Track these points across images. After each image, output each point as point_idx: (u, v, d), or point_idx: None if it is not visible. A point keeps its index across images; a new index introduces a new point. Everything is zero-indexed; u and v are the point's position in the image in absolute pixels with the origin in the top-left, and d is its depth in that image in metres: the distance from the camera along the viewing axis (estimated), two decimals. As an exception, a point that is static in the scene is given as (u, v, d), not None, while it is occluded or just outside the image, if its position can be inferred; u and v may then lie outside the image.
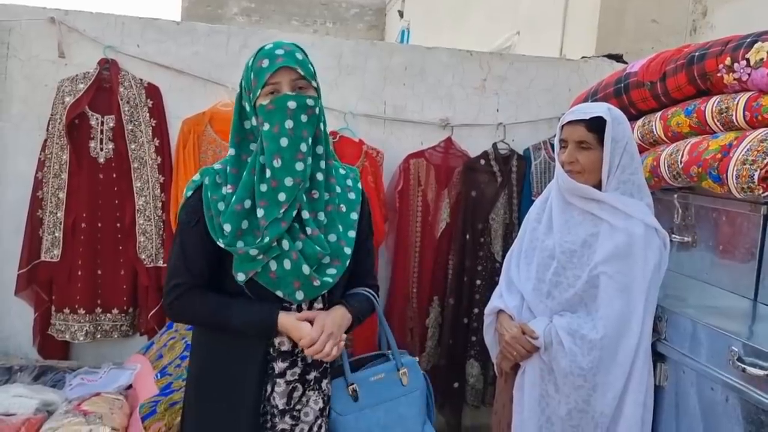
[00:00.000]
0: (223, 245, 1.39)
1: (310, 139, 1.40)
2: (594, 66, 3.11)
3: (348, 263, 1.49)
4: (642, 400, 1.67)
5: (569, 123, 1.77)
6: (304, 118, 1.38)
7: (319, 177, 1.46)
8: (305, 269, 1.40)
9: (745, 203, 1.80)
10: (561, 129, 1.80)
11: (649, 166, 2.08)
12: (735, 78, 1.79)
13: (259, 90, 1.38)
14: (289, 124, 1.37)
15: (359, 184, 1.60)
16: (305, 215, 1.42)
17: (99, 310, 2.67)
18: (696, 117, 1.92)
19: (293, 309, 1.47)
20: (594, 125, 1.73)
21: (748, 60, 1.74)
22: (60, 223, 2.59)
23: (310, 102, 1.40)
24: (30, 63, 2.64)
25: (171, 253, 1.51)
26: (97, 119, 2.61)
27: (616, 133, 1.72)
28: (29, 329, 2.67)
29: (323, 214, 1.47)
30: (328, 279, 1.45)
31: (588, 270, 1.71)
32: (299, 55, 1.41)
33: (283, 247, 1.39)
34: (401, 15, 9.14)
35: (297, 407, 1.48)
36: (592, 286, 1.71)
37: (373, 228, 1.69)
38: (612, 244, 1.70)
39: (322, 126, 1.46)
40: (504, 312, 1.86)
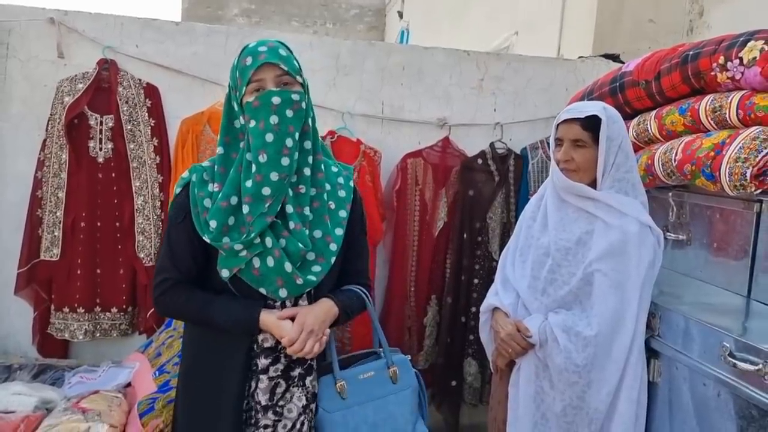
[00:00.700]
0: (209, 241, 1.40)
1: (296, 134, 1.41)
2: (591, 66, 3.12)
3: (334, 260, 1.49)
4: (636, 396, 1.68)
5: (564, 122, 1.78)
6: (289, 113, 1.39)
7: (306, 172, 1.46)
8: (287, 267, 1.40)
9: (738, 201, 1.81)
10: (556, 128, 1.81)
11: (644, 164, 2.09)
12: (728, 77, 1.80)
13: (245, 87, 1.40)
14: (274, 119, 1.38)
15: (351, 182, 1.59)
16: (289, 209, 1.43)
17: (98, 308, 2.68)
18: (690, 115, 1.93)
19: (277, 306, 1.47)
20: (589, 124, 1.74)
21: (741, 59, 1.75)
22: (59, 223, 2.61)
23: (295, 97, 1.40)
24: (29, 63, 2.65)
25: (160, 249, 1.53)
26: (96, 119, 2.63)
27: (611, 132, 1.73)
28: (29, 328, 2.69)
29: (309, 209, 1.47)
30: (311, 277, 1.45)
31: (583, 267, 1.72)
32: (283, 52, 1.42)
33: (267, 245, 1.40)
34: (401, 16, 9.16)
35: (280, 403, 1.49)
36: (586, 283, 1.71)
37: (367, 227, 1.68)
38: (606, 241, 1.71)
39: (310, 121, 1.47)
40: (499, 309, 1.88)
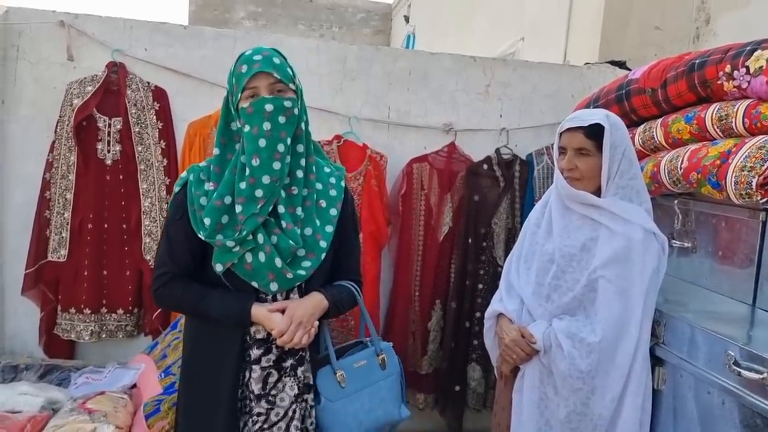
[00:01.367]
0: (203, 237, 1.48)
1: (288, 139, 1.48)
2: (597, 72, 3.12)
3: (324, 256, 1.57)
4: (640, 403, 1.68)
5: (568, 130, 1.79)
6: (281, 119, 1.46)
7: (299, 174, 1.54)
8: (278, 262, 1.48)
9: (744, 209, 1.82)
10: (560, 136, 1.82)
11: (650, 172, 2.10)
12: (735, 85, 1.81)
13: (240, 94, 1.47)
14: (267, 125, 1.45)
15: (343, 182, 1.67)
16: (281, 210, 1.50)
17: (104, 310, 2.70)
18: (696, 124, 1.94)
19: (269, 300, 1.55)
20: (592, 132, 1.74)
21: (747, 68, 1.76)
22: (67, 224, 2.63)
23: (287, 104, 1.47)
24: (39, 65, 2.67)
25: (159, 244, 1.62)
26: (105, 121, 2.65)
27: (614, 139, 1.74)
28: (35, 328, 2.70)
29: (301, 209, 1.54)
30: (301, 272, 1.53)
31: (587, 274, 1.72)
32: (276, 60, 1.49)
33: (258, 241, 1.48)
34: (407, 20, 9.18)
35: (272, 392, 1.56)
36: (591, 290, 1.72)
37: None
38: (611, 248, 1.71)
39: (303, 125, 1.54)
40: (504, 315, 1.88)
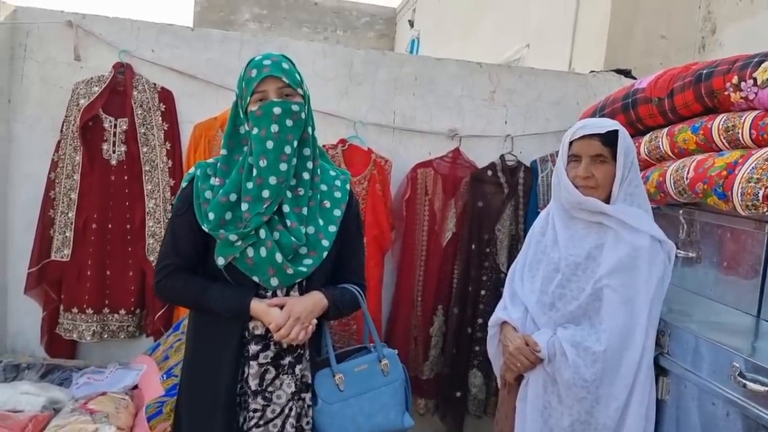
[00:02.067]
0: (207, 230, 1.50)
1: (295, 142, 1.52)
2: (602, 80, 3.13)
3: (326, 255, 1.58)
4: (644, 413, 1.67)
5: (583, 137, 1.76)
6: (289, 122, 1.50)
7: (305, 176, 1.56)
8: (278, 257, 1.49)
9: (750, 221, 1.82)
10: (570, 144, 1.78)
11: (655, 181, 2.10)
12: (742, 97, 1.81)
13: (249, 97, 1.51)
14: (275, 128, 1.49)
15: (348, 185, 1.69)
16: (286, 209, 1.53)
17: (106, 310, 2.70)
18: (702, 134, 1.94)
19: (269, 296, 1.56)
20: (608, 139, 1.74)
21: (755, 79, 1.76)
22: (71, 223, 2.63)
23: (294, 108, 1.51)
24: (46, 65, 2.68)
25: (163, 238, 1.64)
26: (111, 122, 2.65)
27: (627, 147, 1.74)
28: (37, 327, 2.71)
29: (306, 209, 1.56)
30: (302, 268, 1.54)
31: (592, 283, 1.72)
32: (285, 65, 1.53)
33: (260, 236, 1.50)
34: (411, 25, 9.19)
35: (269, 389, 1.57)
36: (596, 299, 1.71)
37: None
38: (616, 256, 1.71)
39: (309, 129, 1.57)
40: (508, 323, 1.88)
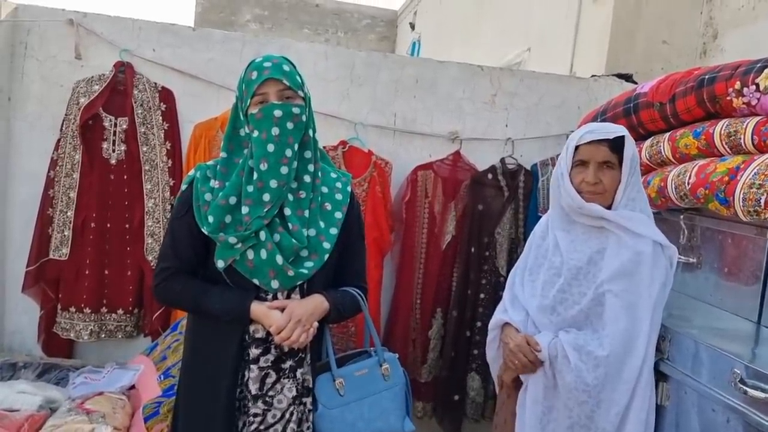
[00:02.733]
0: (207, 233, 1.48)
1: (296, 145, 1.50)
2: (603, 85, 3.13)
3: (327, 258, 1.56)
4: (644, 418, 1.66)
5: (590, 143, 1.73)
6: (290, 125, 1.48)
7: (307, 179, 1.55)
8: (279, 260, 1.48)
9: (751, 227, 1.81)
10: (576, 149, 1.75)
11: (657, 186, 2.09)
12: (744, 102, 1.80)
13: (249, 99, 1.49)
14: (275, 131, 1.47)
15: (349, 187, 1.67)
16: (287, 212, 1.51)
17: (104, 309, 2.69)
18: (704, 139, 1.94)
19: (269, 299, 1.54)
20: (615, 145, 1.73)
21: (757, 85, 1.75)
22: (70, 222, 2.62)
23: (295, 110, 1.49)
24: (47, 63, 2.68)
25: (163, 240, 1.62)
26: (111, 121, 2.64)
27: (633, 153, 1.74)
28: (34, 326, 2.70)
29: (308, 212, 1.55)
30: (303, 271, 1.52)
31: (594, 287, 1.71)
32: (286, 67, 1.51)
33: (260, 238, 1.48)
34: (412, 27, 9.20)
35: (270, 393, 1.55)
36: (597, 303, 1.71)
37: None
38: (618, 261, 1.70)
39: (310, 132, 1.56)
40: (509, 324, 1.87)
